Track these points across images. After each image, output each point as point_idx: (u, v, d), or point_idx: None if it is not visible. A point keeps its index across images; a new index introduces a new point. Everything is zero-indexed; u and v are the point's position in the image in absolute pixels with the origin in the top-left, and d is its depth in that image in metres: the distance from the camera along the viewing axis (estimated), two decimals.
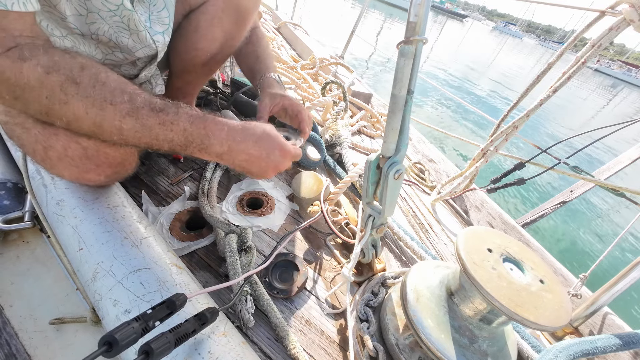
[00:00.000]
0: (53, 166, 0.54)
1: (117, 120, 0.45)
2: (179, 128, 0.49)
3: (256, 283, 0.66)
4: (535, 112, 0.84)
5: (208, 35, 0.80)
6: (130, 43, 0.63)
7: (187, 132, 0.50)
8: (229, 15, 0.80)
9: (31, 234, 0.74)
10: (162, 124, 0.48)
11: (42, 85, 0.42)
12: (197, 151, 0.52)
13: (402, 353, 0.59)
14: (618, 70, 67.22)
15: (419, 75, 0.54)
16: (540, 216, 1.82)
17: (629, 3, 0.66)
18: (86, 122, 0.45)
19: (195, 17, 0.79)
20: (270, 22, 2.66)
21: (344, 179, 0.93)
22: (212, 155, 0.54)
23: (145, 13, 0.65)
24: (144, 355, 0.35)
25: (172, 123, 0.49)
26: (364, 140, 1.45)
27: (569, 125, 9.53)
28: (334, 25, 10.56)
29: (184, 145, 0.51)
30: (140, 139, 0.48)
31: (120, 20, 0.59)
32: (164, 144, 0.49)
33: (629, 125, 1.00)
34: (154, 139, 0.48)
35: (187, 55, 0.83)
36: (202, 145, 0.52)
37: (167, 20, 0.70)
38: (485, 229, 0.58)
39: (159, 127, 0.48)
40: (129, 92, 0.47)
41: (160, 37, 0.70)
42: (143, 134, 0.47)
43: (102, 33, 0.58)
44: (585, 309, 0.80)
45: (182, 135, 0.50)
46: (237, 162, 0.57)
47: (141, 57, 0.70)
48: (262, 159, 0.58)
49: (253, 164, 0.58)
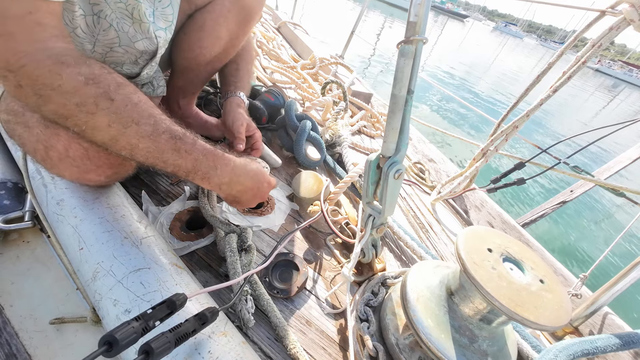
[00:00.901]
0: (54, 166, 0.55)
1: (135, 139, 0.48)
2: (190, 157, 0.53)
3: (256, 283, 0.66)
4: (535, 111, 0.84)
5: (213, 34, 0.81)
6: (131, 32, 0.63)
7: (198, 161, 0.54)
8: (234, 15, 0.81)
9: (31, 233, 0.74)
10: (176, 150, 0.51)
11: (76, 93, 0.44)
12: (199, 179, 0.56)
13: (402, 353, 0.59)
14: (619, 71, 67.10)
15: (419, 75, 0.54)
16: (540, 216, 1.82)
17: (629, 3, 0.66)
18: (103, 134, 0.47)
19: (201, 15, 0.80)
20: (270, 22, 2.66)
21: (344, 179, 0.93)
22: (212, 185, 0.58)
23: (150, 7, 0.65)
24: (144, 355, 0.35)
25: (186, 152, 0.52)
26: (364, 140, 1.45)
27: (570, 125, 9.53)
28: (334, 25, 10.56)
29: (188, 172, 0.54)
30: (148, 158, 0.50)
31: (125, 8, 0.59)
32: (168, 167, 0.52)
33: (628, 125, 1.01)
34: (161, 162, 0.51)
35: (191, 54, 0.83)
36: (207, 175, 0.56)
37: (171, 17, 0.70)
38: (485, 228, 0.58)
39: (171, 153, 0.51)
40: (155, 117, 0.50)
41: (162, 33, 0.70)
42: (154, 156, 0.50)
43: (104, 16, 0.58)
44: (585, 308, 0.80)
45: (190, 164, 0.53)
46: (233, 192, 0.62)
47: (141, 51, 0.70)
48: (254, 190, 0.66)
49: (245, 194, 0.64)
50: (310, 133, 1.08)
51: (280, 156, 1.06)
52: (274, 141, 1.19)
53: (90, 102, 0.45)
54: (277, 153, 1.05)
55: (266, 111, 1.17)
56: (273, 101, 1.21)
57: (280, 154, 1.10)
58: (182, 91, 0.94)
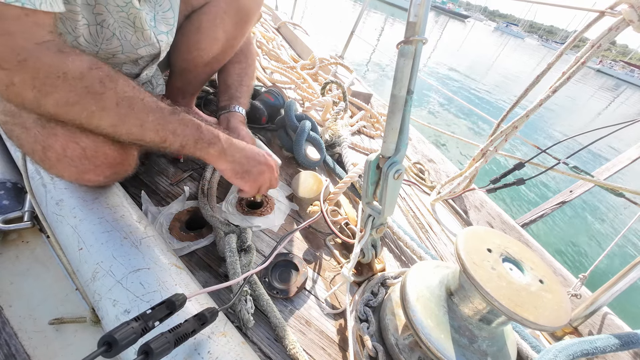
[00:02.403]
0: (52, 166, 0.54)
1: (144, 113, 0.51)
2: (194, 124, 0.58)
3: (256, 283, 0.66)
4: (535, 112, 0.84)
5: (210, 35, 0.81)
6: (133, 40, 0.65)
7: (201, 128, 0.59)
8: (230, 16, 0.81)
9: (31, 233, 0.74)
10: (180, 120, 0.56)
11: (83, 77, 0.46)
12: (207, 145, 0.60)
13: (401, 353, 0.59)
14: (621, 71, 66.93)
15: (419, 76, 0.54)
16: (539, 216, 1.82)
17: (629, 3, 0.66)
18: (112, 115, 0.49)
19: (198, 17, 0.80)
20: (270, 22, 2.66)
21: (343, 179, 0.93)
22: (217, 149, 0.62)
23: (151, 12, 0.66)
24: (143, 355, 0.35)
25: (190, 120, 0.57)
26: (364, 140, 1.45)
27: (571, 126, 9.53)
28: (334, 25, 10.56)
29: (196, 140, 0.58)
30: (158, 131, 0.53)
31: (127, 17, 0.60)
32: (176, 139, 0.56)
33: (628, 125, 1.01)
34: (170, 133, 0.55)
35: (189, 55, 0.83)
36: (212, 141, 0.60)
37: (172, 20, 0.71)
38: (485, 229, 0.58)
39: (177, 123, 0.55)
40: (154, 95, 0.55)
41: (164, 37, 0.71)
42: (163, 127, 0.54)
43: (107, 26, 0.60)
44: (584, 309, 0.80)
45: (196, 131, 0.58)
46: (236, 157, 0.65)
47: (143, 56, 0.70)
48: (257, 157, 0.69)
49: (251, 160, 0.67)
50: (310, 133, 1.08)
51: (280, 156, 1.06)
52: (273, 141, 1.19)
53: (98, 84, 0.47)
54: (277, 153, 1.05)
55: (266, 111, 1.17)
56: (273, 101, 1.21)
57: (280, 154, 1.10)
58: (181, 92, 0.94)
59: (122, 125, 0.50)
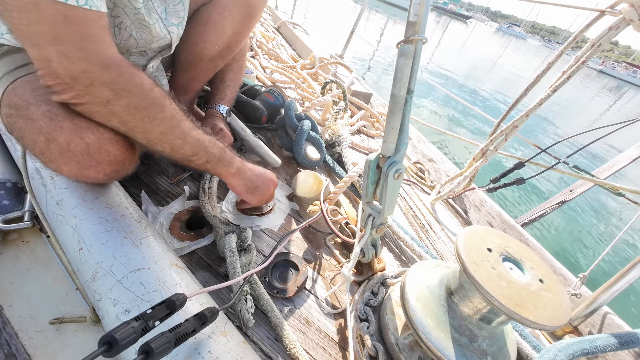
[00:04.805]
0: (52, 160, 0.53)
1: (188, 128, 0.60)
2: (217, 145, 0.67)
3: (256, 283, 0.66)
4: (535, 111, 0.84)
5: (218, 28, 0.84)
6: (148, 38, 0.70)
7: (223, 149, 0.68)
8: (239, 10, 0.84)
9: (31, 233, 0.74)
10: (211, 140, 0.65)
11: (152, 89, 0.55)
12: (227, 164, 0.68)
13: (401, 352, 0.59)
14: (623, 72, 66.58)
15: (420, 76, 0.54)
16: (539, 216, 1.82)
17: (629, 3, 0.66)
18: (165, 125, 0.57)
19: (207, 9, 0.83)
20: (270, 22, 2.66)
21: (343, 179, 0.93)
22: (234, 168, 0.70)
23: (162, 5, 0.69)
24: (143, 355, 0.35)
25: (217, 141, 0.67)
26: (364, 140, 1.45)
27: (573, 126, 9.52)
28: (334, 25, 10.55)
29: (219, 158, 0.66)
30: (194, 146, 0.62)
31: (143, 18, 0.65)
32: (204, 155, 0.64)
33: (628, 124, 1.01)
34: (202, 149, 0.63)
35: (195, 48, 0.86)
36: (231, 161, 0.69)
37: (182, 13, 0.75)
38: (485, 228, 0.58)
39: (209, 142, 0.64)
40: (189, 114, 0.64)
41: (175, 29, 0.74)
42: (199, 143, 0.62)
43: (125, 27, 0.65)
44: (584, 308, 0.80)
45: (219, 151, 0.66)
46: (248, 175, 0.72)
47: (154, 49, 0.75)
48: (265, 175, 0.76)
49: (259, 178, 0.75)
50: (310, 133, 1.08)
51: (280, 156, 1.06)
52: (273, 141, 1.19)
53: (161, 97, 0.56)
54: (276, 153, 1.05)
55: (266, 111, 1.17)
56: (273, 101, 1.21)
57: (280, 153, 1.10)
58: (184, 89, 0.95)
59: (170, 135, 0.58)
